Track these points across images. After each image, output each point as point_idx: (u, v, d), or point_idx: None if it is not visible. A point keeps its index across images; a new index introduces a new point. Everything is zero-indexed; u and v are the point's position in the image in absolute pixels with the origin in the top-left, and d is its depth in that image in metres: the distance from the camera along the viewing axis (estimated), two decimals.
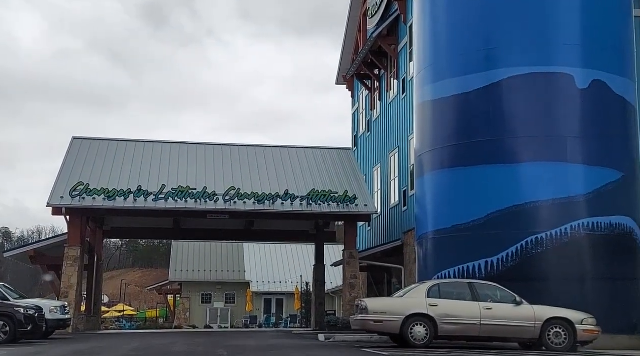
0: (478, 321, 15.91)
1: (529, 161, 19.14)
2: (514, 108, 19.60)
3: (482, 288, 16.63)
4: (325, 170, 32.58)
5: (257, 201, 29.14)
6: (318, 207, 29.59)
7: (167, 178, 30.08)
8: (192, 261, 53.63)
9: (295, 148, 34.25)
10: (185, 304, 52.67)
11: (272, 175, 31.62)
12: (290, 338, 22.15)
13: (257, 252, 54.81)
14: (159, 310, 64.78)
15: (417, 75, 22.46)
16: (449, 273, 19.60)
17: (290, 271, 52.70)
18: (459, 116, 20.39)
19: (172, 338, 23.79)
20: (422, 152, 21.54)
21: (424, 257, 21.13)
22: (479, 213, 19.25)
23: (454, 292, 16.52)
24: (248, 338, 22.67)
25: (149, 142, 33.27)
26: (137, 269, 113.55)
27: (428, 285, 16.68)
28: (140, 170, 30.63)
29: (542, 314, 16.09)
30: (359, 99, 40.13)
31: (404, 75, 31.82)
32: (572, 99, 19.35)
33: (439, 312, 15.92)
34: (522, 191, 18.97)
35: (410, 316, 15.82)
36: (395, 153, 32.94)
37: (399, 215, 32.14)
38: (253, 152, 33.38)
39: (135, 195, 28.19)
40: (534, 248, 18.54)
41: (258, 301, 51.11)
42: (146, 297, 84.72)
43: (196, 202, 28.79)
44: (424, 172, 21.42)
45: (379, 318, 15.94)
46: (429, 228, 20.90)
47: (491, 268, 18.80)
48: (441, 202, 20.44)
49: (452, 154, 20.30)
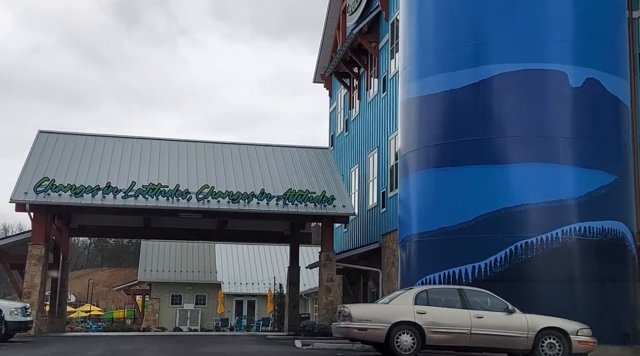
0: (468, 330, 14.92)
1: (519, 162, 18.24)
2: (504, 107, 18.70)
3: (473, 295, 15.61)
4: (302, 170, 31.55)
5: (232, 200, 28.05)
6: (295, 207, 28.56)
7: (138, 175, 28.87)
8: (162, 261, 52.27)
9: (271, 147, 33.18)
10: (154, 305, 51.26)
11: (247, 173, 30.52)
12: (266, 344, 21.07)
13: (229, 253, 53.57)
14: (127, 311, 63.26)
15: (403, 71, 21.50)
16: (433, 278, 18.65)
17: (262, 273, 51.55)
18: (446, 114, 19.45)
19: (140, 342, 22.60)
20: (407, 151, 20.56)
21: (407, 261, 20.14)
22: (467, 216, 18.30)
23: (443, 299, 15.46)
24: (221, 343, 21.57)
25: (119, 137, 31.96)
26: (106, 268, 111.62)
27: (415, 291, 15.64)
28: (110, 166, 29.39)
29: (535, 324, 15.13)
30: (337, 98, 39.13)
31: (385, 74, 30.89)
32: (565, 98, 18.48)
33: (427, 320, 14.90)
34: (512, 193, 18.06)
35: (396, 324, 14.79)
36: (374, 153, 32.00)
37: (377, 216, 31.21)
38: (228, 150, 32.24)
39: (103, 192, 26.96)
40: (523, 253, 17.62)
41: (229, 303, 49.88)
42: (114, 297, 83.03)
43: (168, 200, 27.62)
44: (409, 172, 20.45)
45: (363, 326, 14.89)
46: (412, 230, 19.92)
47: (478, 273, 17.87)
48: (426, 203, 19.47)
49: (438, 153, 19.35)
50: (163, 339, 25.41)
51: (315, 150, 33.71)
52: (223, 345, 20.65)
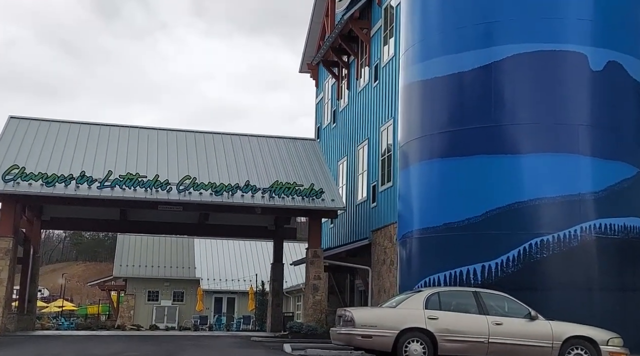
0: (486, 338, 13.16)
1: (533, 152, 16.50)
2: (517, 91, 16.95)
3: (490, 299, 13.85)
4: (289, 161, 29.71)
5: (215, 192, 26.16)
6: (281, 201, 26.71)
7: (115, 164, 26.87)
8: (139, 256, 50.06)
9: (256, 137, 31.27)
10: (129, 301, 49.07)
11: (231, 164, 28.62)
12: (252, 348, 19.20)
13: (208, 248, 51.45)
14: (102, 306, 60.97)
15: (404, 54, 19.71)
16: (437, 279, 16.89)
17: (243, 270, 49.53)
18: (453, 99, 17.69)
19: (114, 344, 20.67)
20: (408, 140, 18.77)
21: (408, 259, 18.35)
22: (476, 211, 16.54)
23: (457, 303, 13.69)
24: (203, 347, 19.69)
25: (95, 124, 29.89)
26: (81, 262, 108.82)
27: (426, 293, 13.80)
28: (85, 154, 27.36)
29: (560, 332, 13.40)
30: (324, 88, 37.30)
31: (377, 61, 29.13)
32: (584, 82, 16.76)
33: (440, 327, 13.14)
34: (525, 186, 16.33)
35: (405, 330, 13.03)
36: (364, 145, 30.24)
37: (366, 211, 29.46)
38: (211, 139, 30.30)
39: (77, 182, 24.97)
40: (538, 252, 15.89)
41: (208, 300, 47.81)
42: (89, 292, 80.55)
43: (146, 192, 25.66)
44: (410, 163, 18.68)
45: (368, 333, 13.10)
46: (414, 226, 18.13)
47: (488, 273, 16.12)
48: (430, 196, 17.68)
49: (444, 142, 17.58)
50: (140, 340, 23.48)
51: (302, 141, 31.89)
52: (205, 349, 18.78)
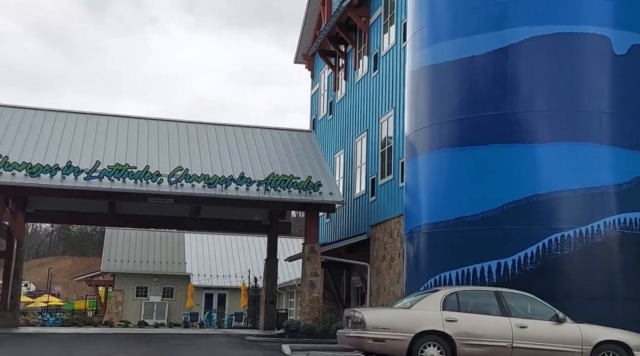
0: (509, 343, 11.98)
1: (551, 141, 15.27)
2: (534, 76, 15.67)
3: (513, 299, 12.64)
4: (284, 153, 28.47)
5: (208, 184, 24.91)
6: (277, 194, 25.49)
7: (103, 154, 25.56)
8: (127, 250, 48.66)
9: (251, 128, 30.02)
10: (117, 297, 47.71)
11: (224, 156, 27.35)
12: (248, 349, 17.98)
13: (199, 243, 50.09)
14: (89, 302, 59.50)
15: (411, 38, 18.48)
16: (448, 277, 15.68)
17: (235, 265, 48.20)
18: (464, 84, 16.44)
19: (100, 344, 19.41)
20: (416, 129, 17.54)
21: (415, 256, 17.13)
22: (491, 204, 15.32)
23: (477, 303, 12.47)
24: (195, 346, 18.46)
25: (82, 113, 28.55)
26: (68, 257, 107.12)
27: (444, 292, 12.56)
28: (72, 143, 26.03)
29: (591, 336, 12.23)
30: (320, 79, 36.03)
31: (377, 50, 27.91)
32: (607, 67, 15.55)
33: (459, 330, 11.94)
34: (544, 178, 15.11)
35: (421, 334, 11.81)
36: (362, 137, 29.03)
37: (365, 206, 28.26)
38: (203, 130, 29.00)
39: (63, 172, 23.69)
40: (558, 248, 14.69)
41: (198, 296, 46.48)
42: (76, 286, 79.05)
43: (136, 183, 24.41)
44: (417, 153, 17.45)
45: (380, 336, 11.88)
46: (422, 220, 16.89)
47: (504, 271, 14.92)
48: (440, 188, 16.45)
49: (455, 131, 16.34)
50: (128, 339, 22.22)
51: (298, 132, 30.66)
52: (198, 350, 17.55)
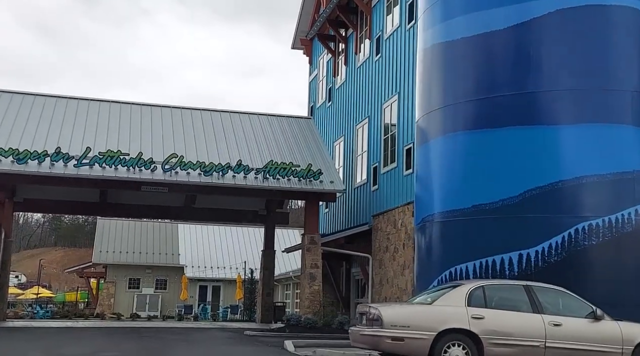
0: (542, 342, 10.76)
1: (578, 122, 14.06)
2: (558, 53, 14.40)
3: (545, 294, 11.39)
4: (283, 141, 27.24)
5: (204, 172, 23.68)
6: (276, 182, 24.28)
7: (94, 140, 24.29)
8: (120, 241, 47.28)
9: (248, 115, 28.76)
10: (109, 289, 46.35)
11: (221, 143, 26.10)
12: (248, 345, 16.76)
13: (192, 234, 48.73)
14: (80, 293, 58.12)
15: (422, 14, 17.20)
16: (465, 269, 14.47)
17: (230, 256, 46.90)
18: (482, 62, 15.18)
19: (90, 339, 18.19)
20: (428, 111, 16.29)
21: (428, 247, 15.91)
22: (512, 191, 14.11)
23: (506, 299, 11.21)
24: (191, 342, 17.22)
25: (72, 98, 27.21)
26: (59, 248, 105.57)
27: (469, 287, 11.29)
28: (61, 129, 24.74)
29: (632, 334, 11.00)
30: (319, 65, 34.75)
31: (379, 33, 26.67)
32: (637, 42, 14.42)
33: (486, 328, 10.72)
34: (570, 162, 13.90)
35: (444, 332, 10.58)
36: (364, 124, 27.80)
37: (366, 195, 27.06)
38: (199, 116, 27.73)
39: (52, 159, 22.41)
40: (585, 238, 13.51)
41: (192, 288, 45.15)
42: (67, 278, 77.63)
43: (128, 171, 23.16)
44: (429, 138, 16.22)
45: (399, 334, 10.64)
46: (435, 209, 15.67)
47: (527, 263, 13.72)
48: (455, 174, 15.22)
49: (472, 112, 15.10)
50: (120, 333, 20.98)
51: (297, 119, 29.44)
52: (194, 346, 16.32)
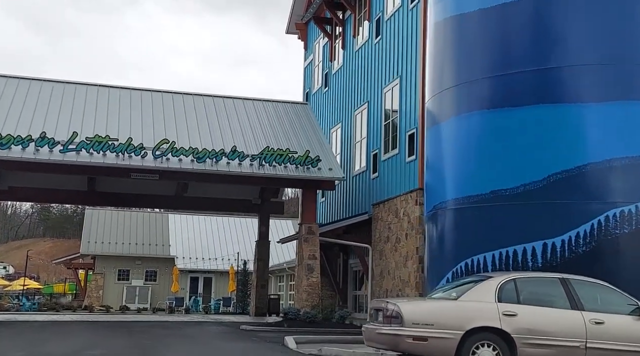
0: (582, 342, 9.54)
1: (606, 100, 12.84)
2: (584, 24, 13.21)
3: (584, 288, 10.15)
4: (279, 126, 25.93)
5: (196, 158, 22.36)
6: (272, 169, 22.99)
7: (81, 125, 22.91)
8: (109, 231, 45.92)
9: (242, 100, 27.42)
10: (98, 281, 44.98)
11: (214, 128, 24.78)
12: (246, 341, 15.49)
13: (183, 224, 47.41)
14: (68, 285, 56.65)
15: None
16: (482, 261, 13.27)
17: (222, 247, 45.61)
18: (500, 36, 13.95)
19: (77, 334, 16.90)
20: (440, 91, 15.03)
21: (440, 237, 14.67)
22: (535, 175, 12.90)
23: (541, 293, 9.97)
24: (186, 339, 15.96)
25: (58, 82, 25.81)
26: (48, 239, 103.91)
27: (499, 280, 10.04)
28: (47, 113, 23.36)
29: None
30: (314, 50, 33.38)
31: (379, 14, 25.34)
32: None
33: (519, 326, 9.49)
34: (599, 143, 12.70)
35: (472, 331, 9.37)
36: (363, 109, 26.50)
37: (366, 183, 25.79)
38: (191, 101, 26.38)
39: (37, 144, 21.04)
40: (617, 226, 12.31)
41: (183, 280, 43.84)
42: (56, 269, 76.11)
43: (117, 157, 21.81)
44: (441, 119, 14.97)
45: (422, 333, 9.41)
46: (448, 195, 14.43)
47: (552, 254, 12.52)
48: (470, 157, 13.98)
49: (489, 90, 13.86)
50: (108, 328, 19.71)
51: (293, 104, 28.14)
52: (188, 342, 15.07)
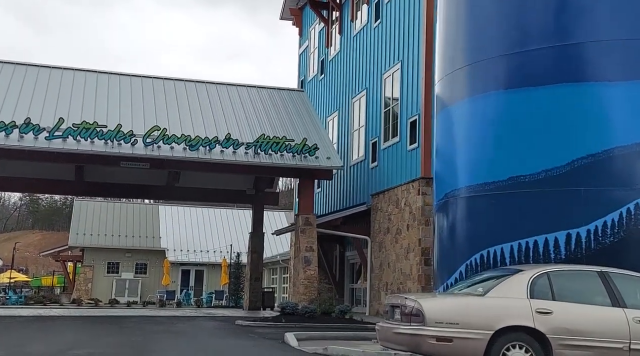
0: (625, 344, 8.51)
1: (636, 78, 11.84)
2: None
3: (626, 283, 9.10)
4: (274, 113, 24.87)
5: (189, 146, 21.29)
6: (268, 158, 21.93)
7: (68, 110, 21.80)
8: (97, 223, 44.73)
9: (236, 86, 26.35)
10: (87, 273, 43.79)
11: (207, 115, 23.70)
12: (243, 338, 14.42)
13: (174, 215, 46.23)
14: (57, 278, 55.42)
15: None
16: (499, 252, 12.20)
17: (214, 239, 44.51)
18: (519, 9, 12.81)
19: (63, 331, 15.80)
20: (452, 70, 13.93)
21: (451, 227, 13.60)
22: (558, 160, 11.84)
23: (578, 289, 8.97)
24: (180, 336, 14.88)
25: (44, 66, 24.63)
26: (37, 231, 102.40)
27: (530, 274, 9.00)
28: (32, 99, 22.21)
29: None
30: (310, 36, 32.31)
31: None
32: None
33: (555, 325, 8.46)
34: (628, 125, 11.66)
35: (502, 331, 8.35)
36: (361, 96, 25.48)
37: (364, 173, 24.79)
38: (183, 87, 25.28)
39: (21, 131, 19.94)
40: None
41: (174, 273, 42.70)
42: (45, 262, 74.77)
43: (106, 144, 20.73)
44: (452, 101, 13.89)
45: (447, 334, 8.37)
46: (460, 183, 13.36)
47: (576, 245, 11.46)
48: (487, 141, 12.90)
49: (507, 69, 12.77)
50: (96, 323, 18.61)
51: (288, 91, 27.07)
52: (181, 338, 14.01)
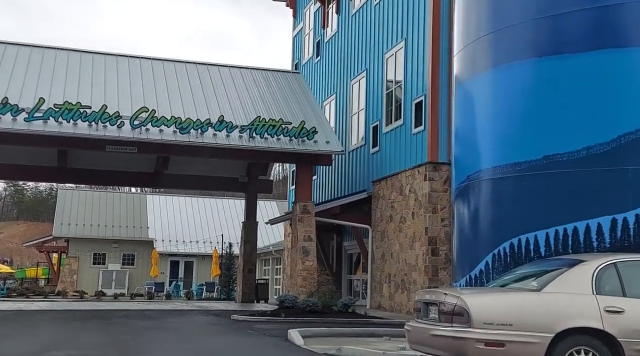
0: None
1: None
2: None
3: None
4: (270, 95, 23.35)
5: (179, 129, 19.75)
6: (264, 142, 20.42)
7: (49, 90, 20.17)
8: (83, 213, 43.05)
9: (228, 67, 24.78)
10: (72, 265, 42.13)
11: (198, 96, 22.13)
12: (243, 335, 12.94)
13: (163, 205, 44.61)
14: (42, 269, 53.71)
15: None
16: (533, 240, 10.72)
17: (203, 230, 42.94)
18: None
19: (42, 328, 14.28)
20: (475, 39, 12.39)
21: (474, 214, 12.10)
22: (600, 136, 10.38)
23: None
24: (171, 333, 13.38)
25: (24, 45, 22.93)
26: (22, 222, 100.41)
27: (595, 264, 7.51)
28: (10, 78, 20.56)
29: None
30: (304, 17, 30.74)
31: None
32: None
33: (628, 326, 7.00)
34: None
35: (564, 334, 6.88)
36: (360, 78, 23.99)
37: (364, 158, 23.33)
38: (172, 68, 23.69)
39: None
40: None
41: (163, 264, 41.11)
42: (30, 253, 72.93)
43: (90, 127, 19.13)
44: (474, 73, 12.37)
45: (497, 337, 6.89)
46: (483, 163, 11.84)
47: (622, 232, 10.02)
48: (515, 116, 11.40)
49: (538, 34, 11.28)
50: (80, 319, 17.08)
51: (284, 73, 25.54)
52: (173, 335, 12.51)
